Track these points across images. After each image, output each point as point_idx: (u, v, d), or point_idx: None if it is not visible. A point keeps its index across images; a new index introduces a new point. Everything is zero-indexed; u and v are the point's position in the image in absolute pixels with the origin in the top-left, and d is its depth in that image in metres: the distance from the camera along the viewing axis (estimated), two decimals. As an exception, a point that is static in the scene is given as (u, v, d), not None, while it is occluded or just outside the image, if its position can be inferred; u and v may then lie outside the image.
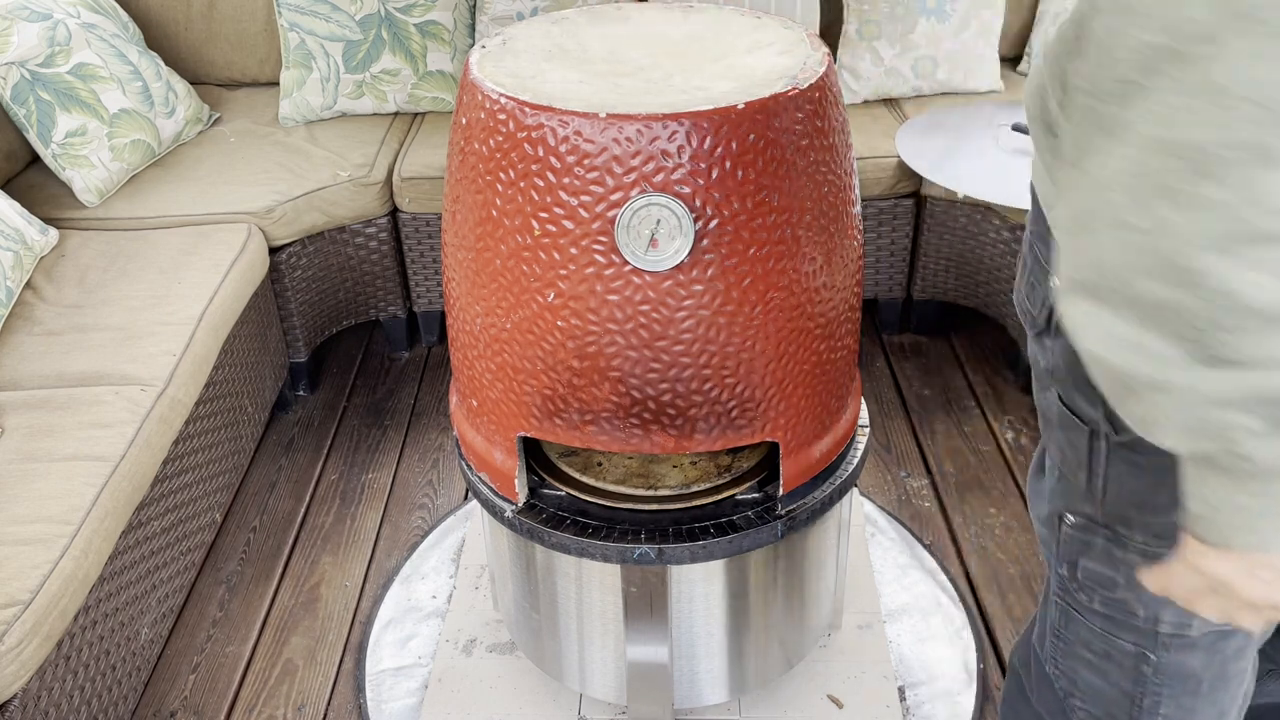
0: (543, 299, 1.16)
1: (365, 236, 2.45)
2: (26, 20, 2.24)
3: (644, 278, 1.12)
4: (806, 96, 1.13)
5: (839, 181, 1.20)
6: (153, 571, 1.71)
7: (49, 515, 1.48)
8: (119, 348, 1.83)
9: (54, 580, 1.39)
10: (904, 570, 1.91)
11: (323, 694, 1.74)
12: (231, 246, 2.14)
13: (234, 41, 2.82)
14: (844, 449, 1.41)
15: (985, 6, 2.65)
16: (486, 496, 1.38)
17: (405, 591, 1.92)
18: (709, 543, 1.29)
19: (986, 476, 2.16)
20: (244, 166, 2.43)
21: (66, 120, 2.25)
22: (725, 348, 1.17)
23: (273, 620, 1.89)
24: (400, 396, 2.49)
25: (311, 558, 2.03)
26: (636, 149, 1.07)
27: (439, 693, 1.69)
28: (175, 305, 1.95)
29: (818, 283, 1.20)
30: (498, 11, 2.66)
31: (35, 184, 2.37)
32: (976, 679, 1.70)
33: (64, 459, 1.58)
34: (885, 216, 2.50)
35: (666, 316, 1.14)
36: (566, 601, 1.45)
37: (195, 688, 1.77)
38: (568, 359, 1.18)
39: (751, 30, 1.28)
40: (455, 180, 1.22)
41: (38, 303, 1.97)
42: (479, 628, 1.80)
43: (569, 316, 1.15)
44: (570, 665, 1.54)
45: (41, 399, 1.70)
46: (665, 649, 1.44)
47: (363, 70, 2.62)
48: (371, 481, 2.22)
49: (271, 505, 2.16)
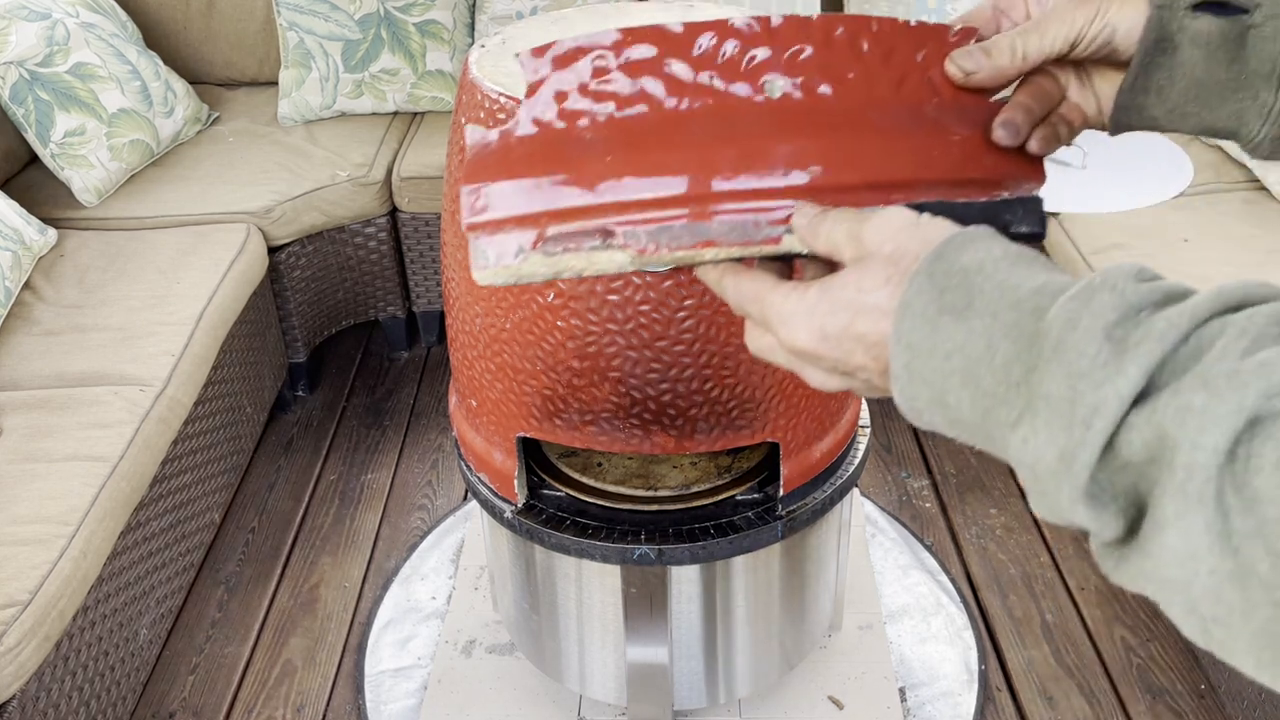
0: (543, 299, 1.15)
1: (364, 236, 2.45)
2: (25, 20, 2.23)
3: (644, 277, 1.11)
4: (807, 96, 1.12)
5: (840, 181, 1.20)
6: (151, 572, 1.71)
7: (48, 516, 1.47)
8: (118, 348, 1.83)
9: (52, 581, 1.39)
10: (905, 571, 1.91)
11: (322, 695, 1.74)
12: (230, 246, 2.13)
13: (233, 41, 2.81)
14: (844, 449, 1.41)
15: (986, 6, 2.64)
16: (486, 497, 1.38)
17: (404, 592, 1.91)
18: (709, 543, 1.29)
19: (987, 477, 2.15)
20: (243, 166, 2.43)
21: (65, 120, 2.25)
22: (725, 348, 1.16)
23: (272, 621, 1.89)
24: (399, 397, 2.49)
25: (310, 558, 2.02)
26: (636, 148, 1.06)
27: (438, 694, 1.68)
28: (174, 305, 1.95)
29: (818, 282, 1.20)
30: (497, 11, 2.66)
31: (34, 184, 2.37)
32: (977, 680, 1.70)
33: (63, 459, 1.57)
34: (885, 216, 2.49)
35: (666, 316, 1.13)
36: (566, 602, 1.45)
37: (194, 688, 1.76)
38: (568, 359, 1.18)
39: (752, 29, 1.28)
40: (454, 180, 1.21)
41: (36, 303, 1.96)
42: (478, 629, 1.80)
43: (569, 316, 1.15)
44: (570, 666, 1.53)
45: (40, 399, 1.70)
46: (665, 650, 1.43)
47: (362, 70, 2.61)
48: (371, 482, 2.22)
49: (270, 506, 2.16)
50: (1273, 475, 0.36)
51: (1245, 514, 0.37)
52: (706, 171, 0.58)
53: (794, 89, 0.60)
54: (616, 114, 0.59)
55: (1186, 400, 0.38)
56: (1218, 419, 0.37)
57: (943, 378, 0.47)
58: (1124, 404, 0.40)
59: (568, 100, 0.59)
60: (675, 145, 0.59)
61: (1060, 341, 0.43)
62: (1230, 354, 0.39)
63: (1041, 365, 0.43)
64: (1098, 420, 0.40)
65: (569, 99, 0.59)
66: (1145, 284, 0.43)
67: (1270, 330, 0.39)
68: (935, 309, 0.47)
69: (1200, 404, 0.38)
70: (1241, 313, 0.41)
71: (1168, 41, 0.58)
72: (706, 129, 0.59)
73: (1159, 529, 0.39)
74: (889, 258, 0.52)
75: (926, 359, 0.48)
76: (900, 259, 0.51)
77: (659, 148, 0.59)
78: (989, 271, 0.47)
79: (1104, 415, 0.40)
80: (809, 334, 0.54)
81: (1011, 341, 0.45)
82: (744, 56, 0.59)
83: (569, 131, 0.59)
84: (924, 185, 0.61)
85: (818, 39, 0.59)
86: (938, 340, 0.47)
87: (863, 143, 0.60)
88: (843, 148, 0.59)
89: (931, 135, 0.61)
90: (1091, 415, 0.41)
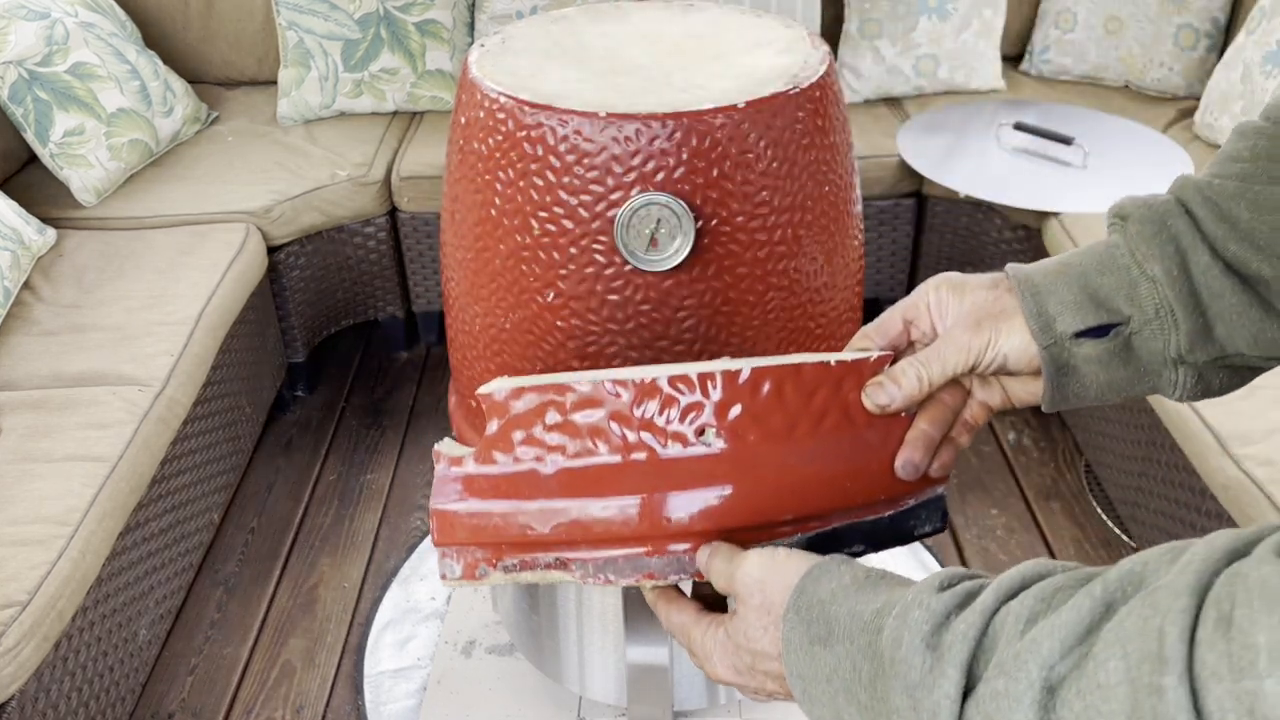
0: (542, 299, 1.15)
1: (364, 236, 2.45)
2: (24, 19, 2.23)
3: (644, 278, 1.11)
4: (807, 95, 1.12)
5: (840, 181, 1.20)
6: (151, 573, 1.71)
7: (46, 516, 1.47)
8: (117, 348, 1.82)
9: (51, 581, 1.39)
10: (905, 571, 1.91)
11: (321, 695, 1.74)
12: (229, 246, 2.13)
13: (232, 40, 2.81)
14: (845, 450, 1.40)
15: (987, 5, 2.65)
16: (486, 497, 1.37)
17: (404, 593, 1.91)
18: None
19: (988, 477, 2.15)
20: (242, 166, 2.42)
21: (64, 119, 2.25)
22: (725, 348, 1.16)
23: (271, 621, 1.88)
24: (399, 397, 2.49)
25: (310, 559, 2.02)
26: (636, 148, 1.06)
27: (438, 694, 1.68)
28: (173, 305, 1.94)
29: (818, 282, 1.20)
30: (497, 10, 2.65)
31: (33, 183, 2.36)
32: (978, 680, 1.70)
33: (61, 459, 1.57)
34: (886, 216, 2.49)
35: (667, 316, 1.13)
36: (566, 603, 1.45)
37: (193, 689, 1.76)
38: (568, 359, 1.17)
39: (752, 29, 1.28)
40: (454, 180, 1.21)
41: (35, 303, 1.96)
42: (478, 629, 1.80)
43: (569, 316, 1.15)
44: (570, 667, 1.53)
45: (39, 399, 1.69)
46: (665, 650, 1.43)
47: (361, 69, 2.61)
48: (370, 482, 2.22)
49: (270, 506, 2.16)
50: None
51: None
52: (647, 518, 0.68)
53: (725, 440, 0.68)
54: (565, 462, 0.68)
55: (994, 688, 0.43)
56: (1018, 697, 0.42)
57: (831, 697, 0.53)
58: (954, 702, 0.45)
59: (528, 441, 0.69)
60: (620, 491, 0.68)
61: (893, 659, 0.49)
62: (1012, 638, 0.44)
63: (887, 682, 0.49)
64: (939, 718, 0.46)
65: (529, 439, 0.69)
66: (946, 592, 0.49)
67: (1038, 608, 0.45)
68: (807, 640, 0.55)
69: (1004, 688, 0.43)
70: (1017, 598, 0.46)
71: (1066, 366, 0.66)
72: (646, 478, 0.68)
73: None
74: (760, 608, 0.60)
75: (814, 684, 0.54)
76: (770, 608, 0.60)
77: (607, 493, 0.68)
78: (840, 599, 0.55)
79: (942, 713, 0.46)
80: (725, 670, 0.64)
81: (869, 660, 0.51)
82: (685, 416, 0.68)
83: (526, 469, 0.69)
84: (837, 513, 0.70)
85: (745, 393, 0.68)
86: (817, 667, 0.54)
87: (781, 483, 0.68)
88: (760, 492, 0.68)
89: (847, 466, 0.70)
90: (933, 717, 0.46)
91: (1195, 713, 0.35)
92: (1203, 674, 0.35)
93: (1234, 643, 0.34)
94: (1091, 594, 0.42)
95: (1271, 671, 0.32)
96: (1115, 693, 0.38)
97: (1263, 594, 0.34)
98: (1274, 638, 0.33)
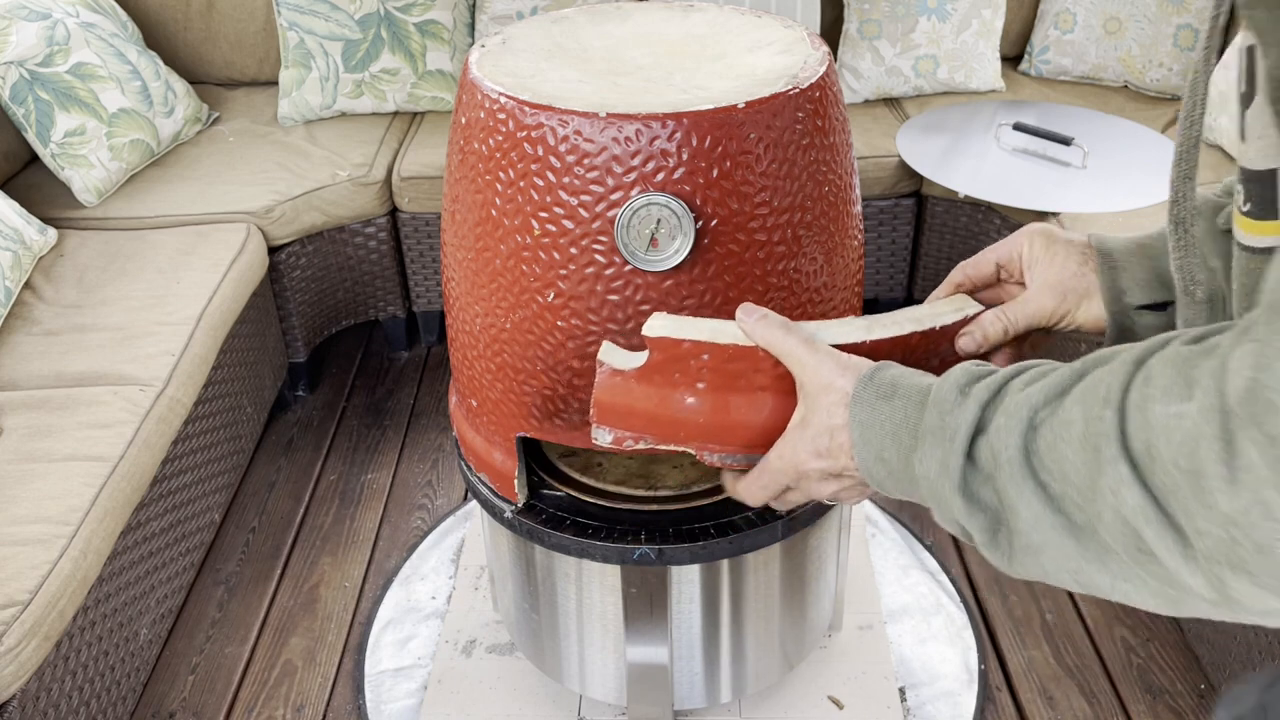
0: (543, 299, 1.15)
1: (364, 236, 2.45)
2: (25, 19, 2.23)
3: (644, 277, 1.11)
4: (807, 96, 1.12)
5: (840, 181, 1.20)
6: (152, 572, 1.71)
7: (48, 516, 1.47)
8: (118, 348, 1.83)
9: (53, 581, 1.39)
10: (905, 571, 1.91)
11: (322, 695, 1.74)
12: (230, 246, 2.13)
13: (233, 41, 2.81)
14: (844, 449, 1.41)
15: (986, 6, 2.65)
16: (486, 497, 1.38)
17: (404, 592, 1.91)
18: (709, 543, 1.29)
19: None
20: (243, 166, 2.43)
21: (65, 120, 2.25)
22: (726, 348, 1.16)
23: (272, 621, 1.89)
24: (400, 397, 2.49)
25: (310, 558, 2.02)
26: (636, 148, 1.06)
27: (438, 694, 1.68)
28: (174, 305, 1.95)
29: (818, 282, 1.20)
30: (497, 10, 2.66)
31: (34, 183, 2.37)
32: (977, 680, 1.70)
33: (63, 459, 1.57)
34: (886, 216, 2.49)
35: (667, 316, 1.13)
36: (566, 602, 1.45)
37: (194, 688, 1.76)
38: (568, 359, 1.18)
39: (752, 29, 1.28)
40: (455, 180, 1.21)
41: (36, 303, 1.96)
42: (478, 628, 1.80)
43: (569, 316, 1.15)
44: (570, 666, 1.53)
45: (40, 399, 1.70)
46: (665, 650, 1.43)
47: (362, 69, 2.61)
48: (371, 482, 2.22)
49: (270, 506, 2.16)
50: (1048, 453, 0.57)
51: (1050, 478, 0.57)
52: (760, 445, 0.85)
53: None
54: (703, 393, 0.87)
55: (997, 424, 0.61)
56: (1011, 429, 0.59)
57: (880, 439, 0.69)
58: (970, 427, 0.62)
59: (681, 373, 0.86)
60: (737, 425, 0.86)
61: (935, 399, 0.66)
62: (1014, 393, 0.61)
63: (924, 413, 0.66)
64: (958, 436, 0.62)
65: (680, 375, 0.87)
66: (976, 368, 0.67)
67: (1035, 377, 0.62)
68: (875, 397, 0.71)
69: (1003, 423, 0.60)
70: (1023, 375, 0.63)
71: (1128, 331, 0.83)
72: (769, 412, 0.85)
73: (1014, 512, 0.59)
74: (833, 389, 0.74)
75: (869, 429, 0.70)
76: (836, 390, 0.74)
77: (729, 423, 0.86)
78: (903, 377, 0.71)
79: (961, 431, 0.62)
80: (807, 455, 0.76)
81: (918, 409, 0.67)
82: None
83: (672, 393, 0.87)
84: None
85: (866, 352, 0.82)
86: (876, 415, 0.70)
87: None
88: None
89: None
90: (954, 433, 0.63)
91: (1121, 433, 0.52)
92: (1128, 408, 0.53)
93: (1148, 388, 0.52)
94: (1072, 367, 0.59)
95: (1163, 400, 0.51)
96: (1074, 425, 0.55)
97: (1170, 360, 0.52)
98: (1167, 384, 0.51)
